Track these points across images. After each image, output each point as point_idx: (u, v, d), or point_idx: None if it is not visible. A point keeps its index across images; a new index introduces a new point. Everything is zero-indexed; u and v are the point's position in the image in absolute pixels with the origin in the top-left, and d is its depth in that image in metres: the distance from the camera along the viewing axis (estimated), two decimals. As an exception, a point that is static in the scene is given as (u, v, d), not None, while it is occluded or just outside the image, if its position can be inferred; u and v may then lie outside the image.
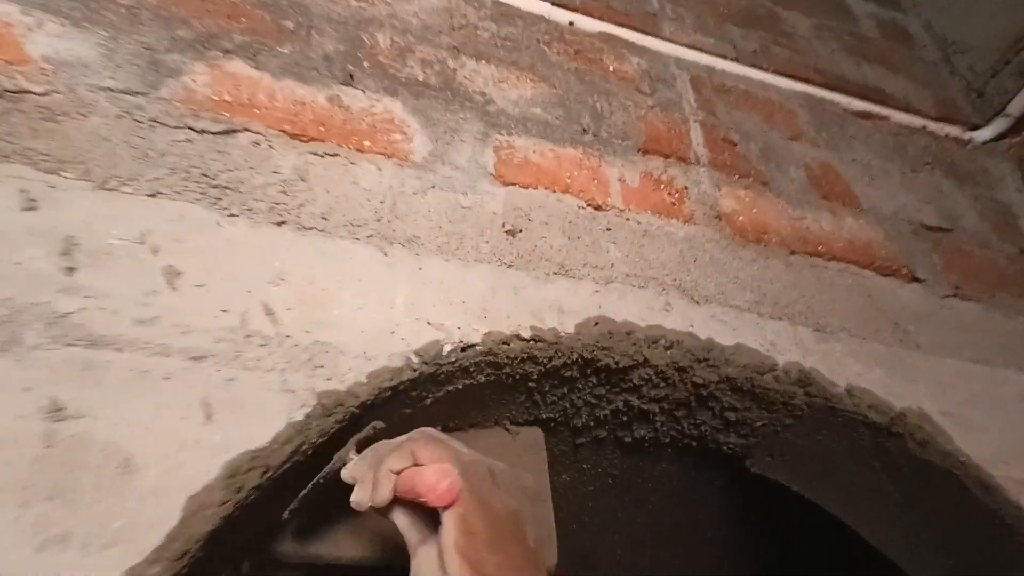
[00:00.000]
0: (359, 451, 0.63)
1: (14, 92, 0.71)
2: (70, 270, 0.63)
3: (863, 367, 0.92)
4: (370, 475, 0.59)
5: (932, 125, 1.32)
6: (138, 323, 0.62)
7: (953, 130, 1.34)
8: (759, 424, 0.90)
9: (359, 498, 0.58)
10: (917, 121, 1.30)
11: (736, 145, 1.08)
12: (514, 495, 0.61)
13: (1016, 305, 1.11)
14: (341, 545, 0.74)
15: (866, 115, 1.26)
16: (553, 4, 1.11)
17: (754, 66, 1.21)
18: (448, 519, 0.54)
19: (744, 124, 1.13)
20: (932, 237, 1.13)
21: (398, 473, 0.57)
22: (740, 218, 1.00)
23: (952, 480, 0.88)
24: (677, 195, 0.98)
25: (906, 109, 1.31)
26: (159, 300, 0.64)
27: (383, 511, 0.58)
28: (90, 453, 0.56)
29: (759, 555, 1.30)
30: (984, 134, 1.34)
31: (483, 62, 0.99)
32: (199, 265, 0.68)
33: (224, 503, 0.57)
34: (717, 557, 1.23)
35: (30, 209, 0.65)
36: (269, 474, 0.60)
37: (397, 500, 0.57)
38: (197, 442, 0.59)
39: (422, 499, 0.55)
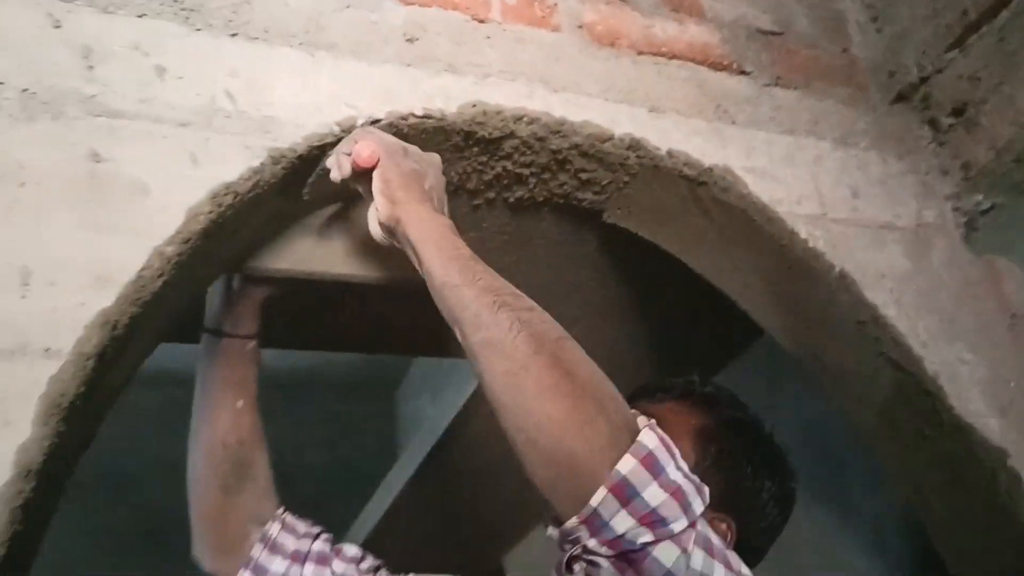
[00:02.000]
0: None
1: (30, -57, 0.97)
2: (90, 67, 0.92)
3: (684, 136, 1.22)
4: (334, 160, 0.95)
5: (784, -54, 1.57)
6: (140, 102, 0.92)
7: (803, -50, 1.58)
8: (606, 182, 1.21)
9: (334, 176, 0.94)
10: (771, -55, 1.55)
11: (602, -31, 1.34)
12: (421, 163, 0.96)
13: (829, 90, 1.41)
14: (306, 261, 1.08)
15: (724, -60, 1.50)
16: None
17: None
18: (375, 186, 0.90)
19: (612, -49, 1.38)
20: (764, 39, 1.41)
21: (348, 154, 0.92)
22: (598, 27, 1.27)
23: (744, 216, 1.20)
24: (547, 10, 1.25)
25: (762, -64, 1.55)
26: (152, 88, 0.94)
27: (348, 183, 0.93)
28: (120, 181, 0.87)
29: (642, 315, 1.66)
30: (830, -48, 1.59)
31: (389, -93, 1.24)
32: (177, 64, 0.96)
33: (210, 212, 0.89)
34: (601, 314, 1.59)
35: (57, 27, 0.93)
36: (238, 197, 0.91)
37: (354, 174, 0.92)
38: (188, 177, 0.90)
39: (359, 166, 0.88)
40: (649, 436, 0.72)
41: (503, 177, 1.20)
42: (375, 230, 0.96)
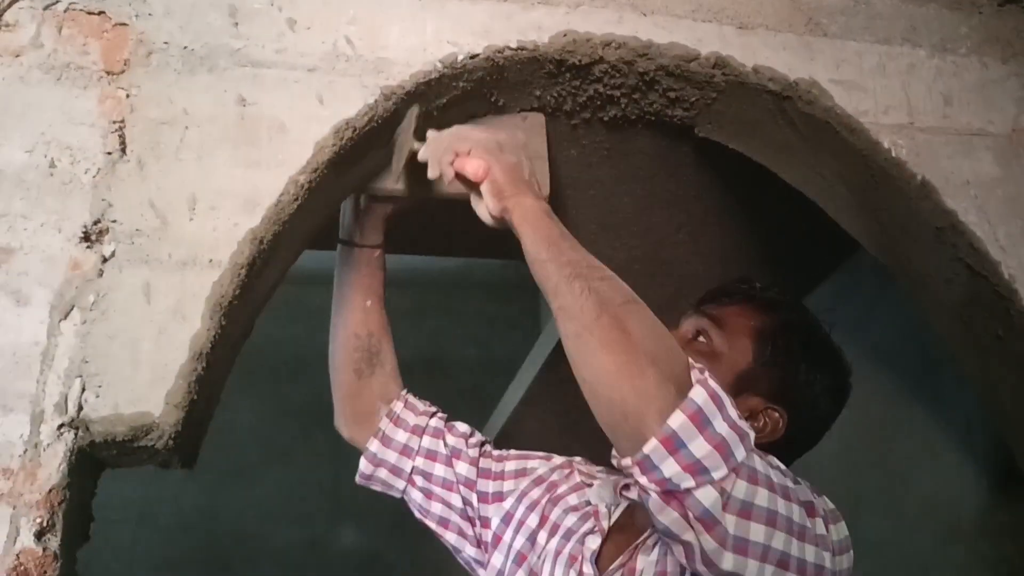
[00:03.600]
0: (416, 125, 1.12)
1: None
2: (235, 24, 1.10)
3: (772, 51, 1.28)
4: (434, 161, 1.09)
5: None
6: (276, 52, 1.10)
7: None
8: (694, 99, 1.30)
9: (432, 174, 1.09)
10: None
11: None
12: (515, 152, 1.09)
13: (931, -6, 1.40)
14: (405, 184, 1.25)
15: None
16: None
17: None
18: (484, 187, 1.06)
19: None
20: (865, -55, 1.41)
21: (451, 163, 1.08)
22: (689, -53, 1.33)
23: (828, 128, 1.26)
24: (640, -65, 1.32)
25: None
26: (286, 38, 1.11)
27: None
28: (263, 121, 1.06)
29: (745, 222, 1.74)
30: None
31: None
32: (306, 15, 1.13)
33: (334, 145, 1.07)
34: (704, 222, 1.68)
35: (208, -9, 1.12)
36: (356, 131, 1.09)
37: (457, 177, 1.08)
38: (317, 116, 1.08)
39: (471, 180, 1.06)
40: (699, 392, 0.85)
41: (596, 98, 1.31)
42: (485, 216, 1.10)
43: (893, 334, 1.76)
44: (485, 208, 1.08)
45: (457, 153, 1.08)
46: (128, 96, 1.03)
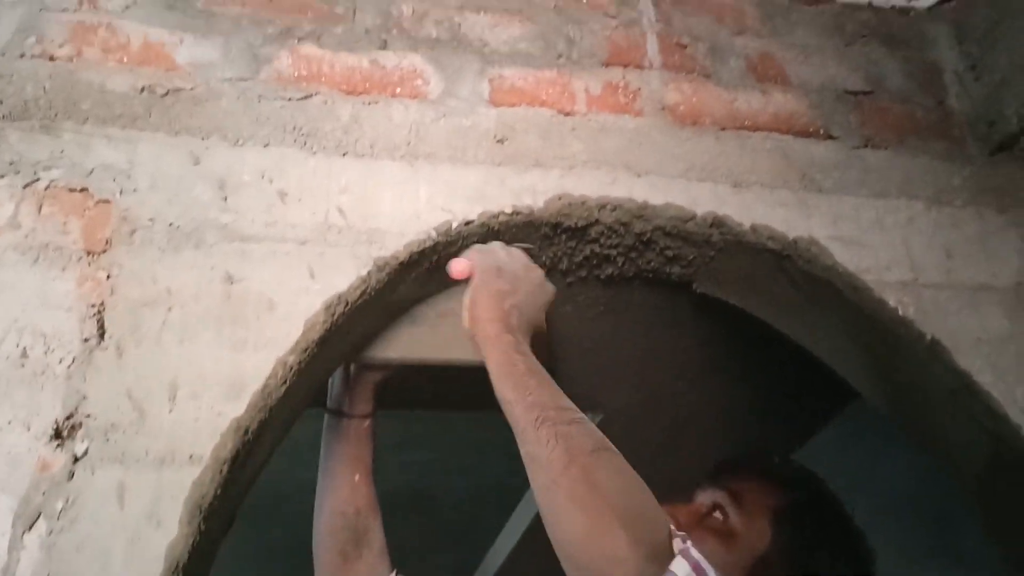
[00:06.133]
0: None
1: (174, 90, 1.15)
2: (224, 198, 1.07)
3: (768, 208, 1.27)
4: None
5: (878, 0, 1.57)
6: (265, 225, 1.07)
7: (899, 1, 1.58)
8: (692, 257, 1.27)
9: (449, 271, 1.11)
10: (863, -1, 1.56)
11: (686, 47, 1.40)
12: (512, 283, 1.09)
13: (923, 146, 1.40)
14: (414, 349, 1.19)
15: (812, 1, 1.53)
16: (538, -49, 1.44)
17: (711, -26, 1.50)
18: (468, 289, 1.06)
19: (696, 28, 1.43)
20: (853, 100, 1.42)
21: None
22: (681, 107, 1.33)
23: (830, 286, 1.23)
24: (631, 96, 1.33)
25: (852, -12, 1.56)
26: (275, 210, 1.08)
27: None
28: (250, 299, 1.01)
29: (741, 374, 1.69)
30: (926, 1, 1.58)
31: (482, 13, 1.35)
32: (296, 186, 1.11)
33: (325, 322, 1.02)
34: (701, 374, 1.64)
35: (196, 164, 1.09)
36: (348, 306, 1.04)
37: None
38: (307, 290, 1.04)
39: (451, 278, 1.08)
40: (680, 565, 0.78)
41: (592, 258, 1.29)
42: (464, 324, 1.08)
43: (904, 483, 1.69)
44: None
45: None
46: (109, 277, 0.99)
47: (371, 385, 1.24)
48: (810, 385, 1.64)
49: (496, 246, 1.14)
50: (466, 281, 1.11)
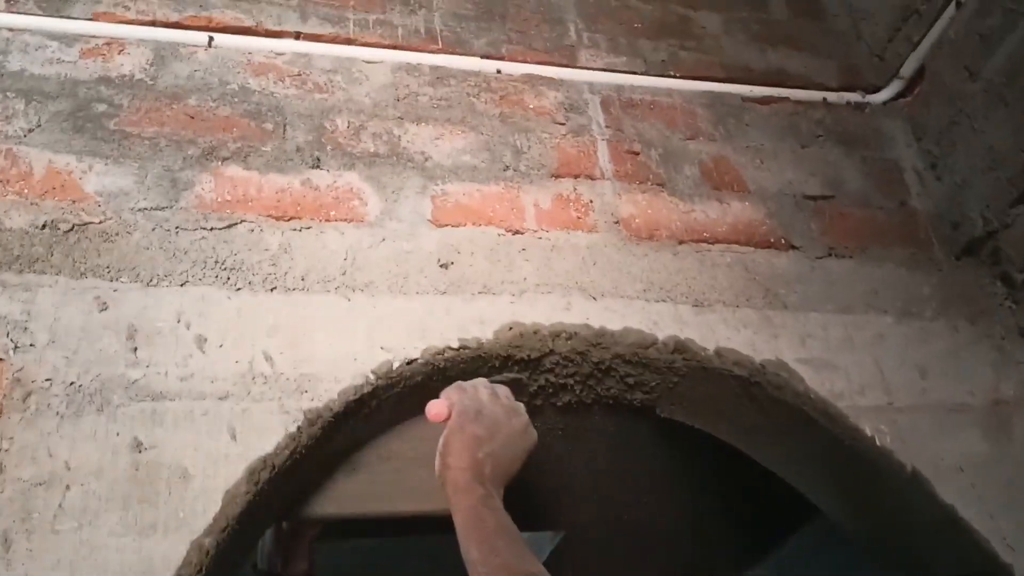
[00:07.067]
0: None
1: (81, 224, 1.04)
2: (134, 350, 0.96)
3: (733, 331, 1.19)
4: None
5: (832, 96, 1.53)
6: (181, 379, 0.95)
7: (853, 96, 1.54)
8: (654, 384, 1.19)
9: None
10: (816, 95, 1.52)
11: (639, 155, 1.34)
12: (490, 429, 0.97)
13: (886, 255, 1.35)
14: (352, 502, 1.08)
15: (765, 100, 1.48)
16: (482, 57, 1.37)
17: (661, 75, 1.45)
18: (443, 433, 0.95)
19: (647, 133, 1.37)
20: (813, 206, 1.37)
21: None
22: (636, 221, 1.26)
23: (801, 413, 1.15)
24: (583, 209, 1.25)
25: (805, 86, 1.52)
26: (193, 361, 0.97)
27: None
28: (161, 470, 0.89)
29: (703, 492, 1.61)
30: (881, 96, 1.54)
31: (422, 124, 1.27)
32: (217, 331, 1.00)
33: (248, 492, 0.90)
34: (664, 492, 1.55)
35: (103, 310, 0.98)
36: (276, 470, 0.93)
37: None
38: (227, 455, 0.92)
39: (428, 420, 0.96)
40: None
41: (547, 387, 1.19)
42: (436, 470, 0.98)
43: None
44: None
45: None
46: (-4, 453, 0.86)
47: (307, 541, 1.11)
48: (778, 495, 1.55)
49: (479, 383, 1.03)
50: (444, 423, 0.99)
